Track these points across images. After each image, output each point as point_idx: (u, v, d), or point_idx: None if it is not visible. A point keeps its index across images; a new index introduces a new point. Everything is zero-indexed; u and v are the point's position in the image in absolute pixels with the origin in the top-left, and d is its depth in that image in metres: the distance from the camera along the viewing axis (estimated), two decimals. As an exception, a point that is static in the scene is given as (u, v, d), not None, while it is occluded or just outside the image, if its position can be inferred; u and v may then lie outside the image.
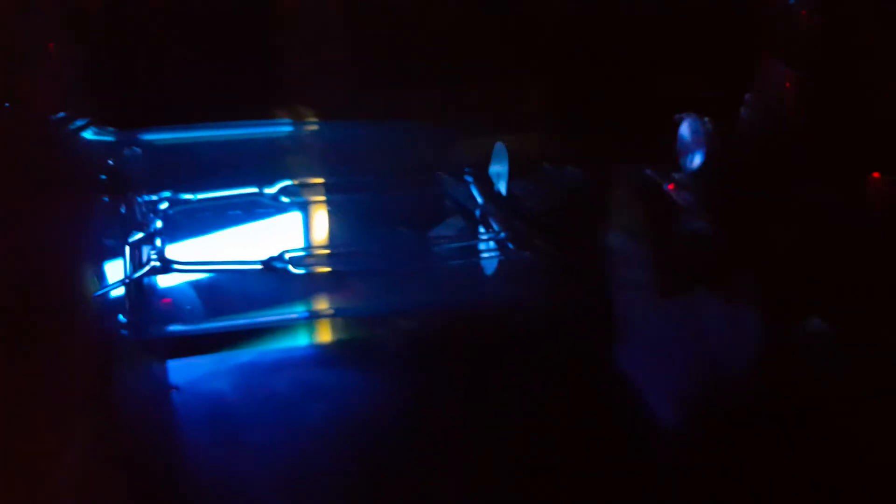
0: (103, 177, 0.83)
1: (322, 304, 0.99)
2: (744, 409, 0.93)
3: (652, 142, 1.00)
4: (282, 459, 0.92)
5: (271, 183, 0.95)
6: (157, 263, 0.78)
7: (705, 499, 0.88)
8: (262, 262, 0.84)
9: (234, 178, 0.96)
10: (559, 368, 1.06)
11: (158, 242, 0.83)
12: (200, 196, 0.91)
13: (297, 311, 1.00)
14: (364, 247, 0.94)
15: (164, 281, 0.95)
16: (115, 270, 0.86)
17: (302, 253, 0.83)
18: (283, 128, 1.01)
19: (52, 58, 0.78)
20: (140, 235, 0.83)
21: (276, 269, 0.82)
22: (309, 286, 0.96)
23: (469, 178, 0.99)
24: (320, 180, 0.95)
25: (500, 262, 0.92)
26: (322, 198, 0.95)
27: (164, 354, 1.01)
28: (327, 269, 0.87)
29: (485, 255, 0.93)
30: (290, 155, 0.99)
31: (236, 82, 1.00)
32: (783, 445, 0.90)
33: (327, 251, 0.89)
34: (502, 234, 0.88)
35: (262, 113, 1.01)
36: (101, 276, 0.85)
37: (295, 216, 1.00)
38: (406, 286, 0.98)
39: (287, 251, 0.83)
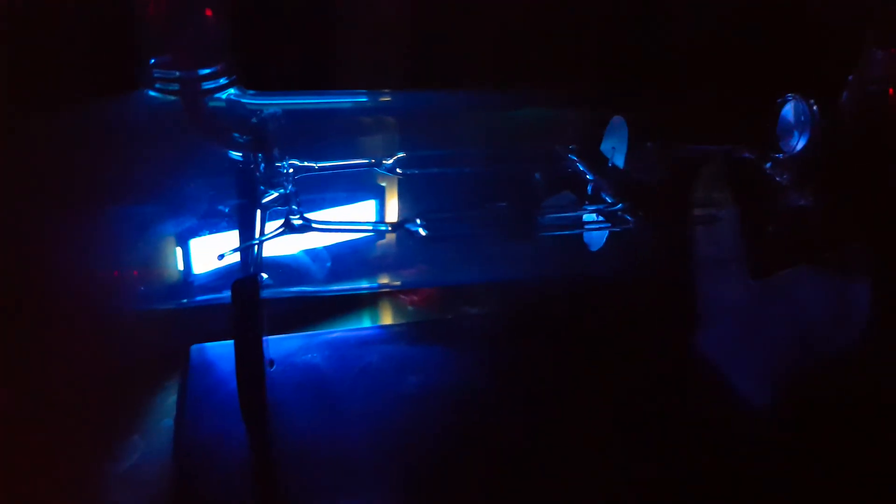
0: (240, 136, 0.84)
1: (431, 274, 0.99)
2: (843, 392, 0.94)
3: (748, 122, 1.02)
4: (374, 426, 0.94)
5: (387, 155, 0.96)
6: (299, 222, 0.78)
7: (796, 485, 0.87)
8: (394, 224, 0.84)
9: (351, 150, 0.97)
10: (648, 345, 1.09)
11: (294, 205, 0.83)
12: (322, 164, 0.92)
13: (404, 278, 1.00)
14: (477, 216, 0.94)
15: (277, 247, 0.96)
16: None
17: (432, 217, 0.83)
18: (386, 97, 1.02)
19: (207, 17, 0.80)
20: (275, 195, 0.83)
21: (407, 231, 0.83)
22: (420, 254, 0.97)
23: (573, 157, 1.01)
24: (435, 153, 0.96)
25: (610, 235, 0.93)
26: (437, 170, 0.95)
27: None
28: (449, 236, 0.87)
29: (595, 226, 0.94)
30: (402, 127, 1.00)
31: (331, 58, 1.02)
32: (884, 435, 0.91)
33: (447, 217, 0.89)
34: (618, 206, 0.90)
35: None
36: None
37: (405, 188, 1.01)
38: (515, 257, 0.99)
39: (421, 214, 0.83)
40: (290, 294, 0.91)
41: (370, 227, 0.87)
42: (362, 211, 1.05)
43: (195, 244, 0.95)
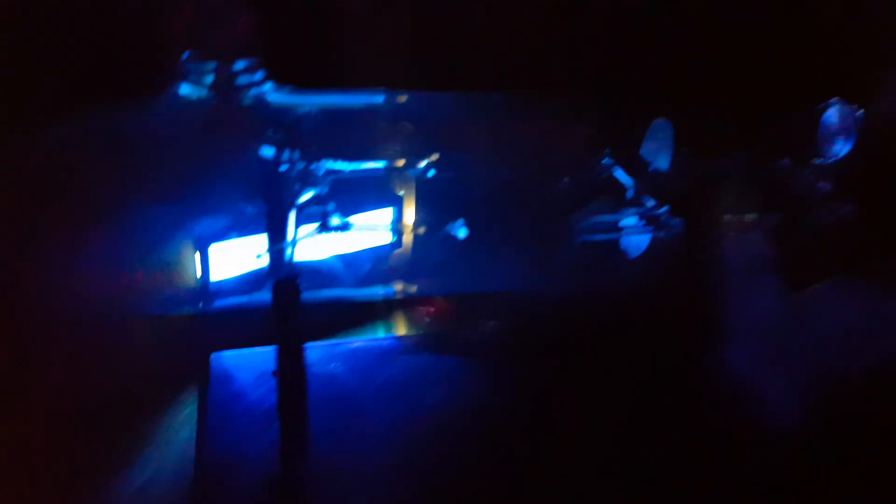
0: (274, 133, 0.80)
1: (460, 280, 0.96)
2: (881, 409, 0.91)
3: (788, 128, 1.00)
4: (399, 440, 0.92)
5: (419, 157, 0.93)
6: (339, 222, 0.75)
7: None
8: (432, 226, 0.81)
9: (382, 151, 0.94)
10: (678, 360, 1.05)
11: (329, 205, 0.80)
12: (355, 164, 0.89)
13: (433, 285, 0.97)
14: (509, 224, 0.91)
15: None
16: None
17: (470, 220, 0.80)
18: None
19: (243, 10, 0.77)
20: (309, 195, 0.80)
21: (446, 233, 0.79)
22: (451, 259, 0.94)
23: (609, 160, 0.98)
24: (469, 156, 0.93)
25: (652, 240, 0.91)
26: (471, 174, 0.92)
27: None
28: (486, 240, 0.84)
29: (635, 232, 0.91)
30: (433, 129, 0.97)
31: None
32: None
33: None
34: (661, 210, 0.87)
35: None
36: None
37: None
38: (546, 265, 0.97)
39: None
40: (324, 299, 0.87)
41: (409, 229, 0.83)
42: (380, 218, 1.03)
43: (222, 247, 0.92)
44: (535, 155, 1.00)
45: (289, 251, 0.82)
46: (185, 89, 0.79)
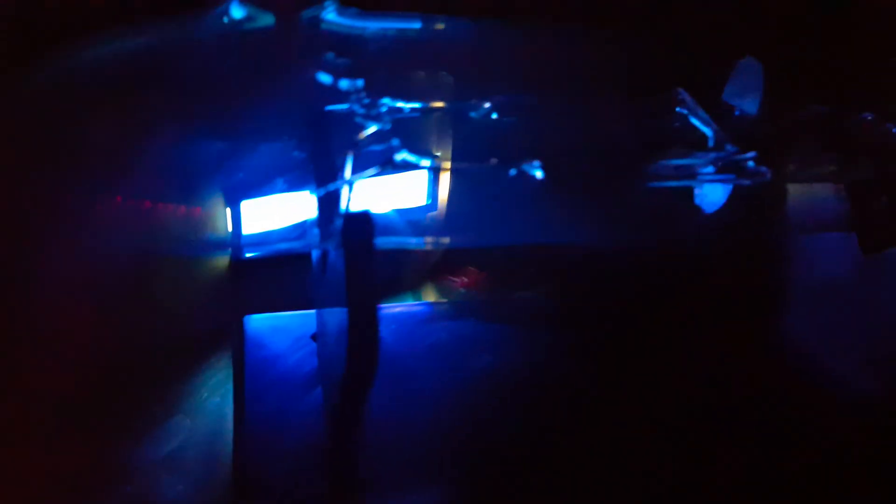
0: (335, 57, 0.72)
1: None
2: None
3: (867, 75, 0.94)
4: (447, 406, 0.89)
5: (480, 99, 0.86)
6: (406, 157, 0.67)
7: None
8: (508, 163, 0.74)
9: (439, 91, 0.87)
10: (740, 327, 0.97)
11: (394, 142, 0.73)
12: (416, 103, 0.81)
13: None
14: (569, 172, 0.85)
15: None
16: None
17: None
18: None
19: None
20: (372, 130, 0.72)
21: (521, 172, 0.73)
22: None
23: (685, 107, 0.92)
24: (530, 96, 0.86)
25: (735, 188, 0.84)
26: (534, 115, 0.85)
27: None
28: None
29: (714, 179, 0.85)
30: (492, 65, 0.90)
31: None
32: None
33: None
34: (748, 154, 0.80)
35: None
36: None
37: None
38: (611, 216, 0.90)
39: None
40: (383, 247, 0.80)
41: (481, 168, 0.76)
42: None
43: (263, 200, 0.84)
44: (599, 97, 0.94)
45: (344, 197, 0.74)
46: (235, 8, 0.72)
